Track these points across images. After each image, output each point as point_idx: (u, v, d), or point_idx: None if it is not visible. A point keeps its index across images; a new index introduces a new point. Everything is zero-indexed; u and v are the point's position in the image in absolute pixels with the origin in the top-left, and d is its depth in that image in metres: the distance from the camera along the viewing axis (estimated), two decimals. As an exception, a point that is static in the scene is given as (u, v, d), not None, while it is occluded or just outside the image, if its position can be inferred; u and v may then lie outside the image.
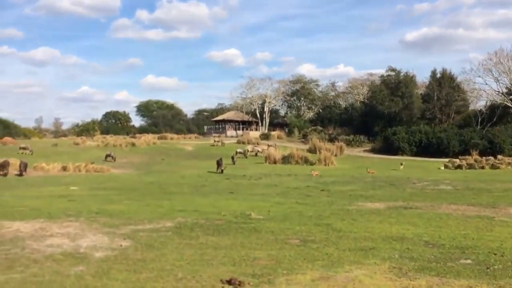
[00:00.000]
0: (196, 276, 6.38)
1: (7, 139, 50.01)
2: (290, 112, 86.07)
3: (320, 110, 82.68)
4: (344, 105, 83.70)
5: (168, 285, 5.96)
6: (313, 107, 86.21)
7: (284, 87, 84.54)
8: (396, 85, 64.54)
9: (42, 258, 7.35)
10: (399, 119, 63.43)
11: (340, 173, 33.68)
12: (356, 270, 6.81)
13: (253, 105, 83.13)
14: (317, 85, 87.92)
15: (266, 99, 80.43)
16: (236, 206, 15.01)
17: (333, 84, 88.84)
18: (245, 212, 12.94)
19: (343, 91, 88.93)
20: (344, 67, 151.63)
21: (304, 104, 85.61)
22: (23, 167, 26.76)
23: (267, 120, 79.28)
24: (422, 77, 76.44)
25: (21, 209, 13.34)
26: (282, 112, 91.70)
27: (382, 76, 69.26)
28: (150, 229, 10.29)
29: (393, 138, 55.13)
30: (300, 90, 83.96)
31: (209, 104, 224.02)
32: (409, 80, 64.70)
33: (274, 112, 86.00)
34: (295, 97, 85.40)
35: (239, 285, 5.93)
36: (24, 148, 40.79)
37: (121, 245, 8.43)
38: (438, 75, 65.48)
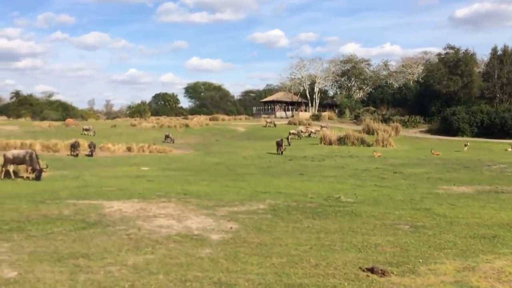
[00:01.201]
0: (330, 263, 6.15)
1: (70, 120, 51.58)
2: (340, 93, 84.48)
3: (372, 90, 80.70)
4: (396, 85, 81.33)
5: (308, 272, 5.77)
6: (364, 87, 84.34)
7: (334, 67, 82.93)
8: (455, 63, 61.81)
9: (162, 239, 7.34)
10: (457, 98, 60.89)
11: (403, 154, 32.76)
12: (495, 260, 6.40)
13: (302, 85, 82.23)
14: (369, 64, 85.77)
15: (315, 79, 79.24)
16: (316, 188, 14.76)
17: (385, 64, 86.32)
18: (333, 195, 12.68)
19: (395, 70, 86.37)
20: (391, 45, 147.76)
21: (355, 84, 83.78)
22: (93, 148, 27.50)
23: (317, 101, 78.19)
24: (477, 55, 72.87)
25: (109, 189, 13.59)
26: (330, 93, 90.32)
27: (439, 54, 66.46)
28: (247, 211, 10.18)
29: (452, 118, 53.03)
30: (351, 70, 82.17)
31: (252, 85, 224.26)
32: (469, 58, 61.80)
33: (322, 93, 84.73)
34: (345, 77, 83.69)
35: (383, 274, 5.66)
36: (87, 130, 41.98)
37: (231, 228, 8.33)
38: (499, 52, 62.22)
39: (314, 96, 77.72)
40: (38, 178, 15.01)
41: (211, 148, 37.80)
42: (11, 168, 15.50)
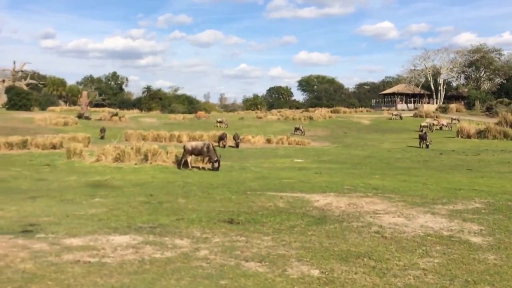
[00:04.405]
0: None
1: (201, 113, 53.78)
2: (467, 84, 78.66)
3: (504, 81, 74.07)
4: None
5: None
6: (494, 78, 77.69)
7: (461, 58, 77.34)
8: None
9: (419, 239, 6.71)
10: None
11: None
12: None
13: (422, 77, 78.15)
14: (500, 54, 78.72)
15: (440, 70, 74.60)
16: (509, 186, 13.28)
17: (521, 52, 78.60)
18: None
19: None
20: (510, 34, 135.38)
21: (484, 75, 77.41)
22: (238, 139, 28.12)
23: (442, 93, 73.58)
24: None
25: (290, 181, 13.36)
26: (453, 84, 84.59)
27: None
28: (468, 210, 9.20)
29: None
30: (480, 60, 76.04)
31: (360, 77, 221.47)
32: None
33: (446, 84, 79.64)
34: (473, 68, 77.69)
35: None
36: (220, 122, 43.43)
37: (481, 230, 7.51)
38: None
39: (439, 88, 73.29)
40: (217, 168, 15.36)
41: (344, 141, 36.97)
42: (189, 158, 16.07)
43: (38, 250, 5.44)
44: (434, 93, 74.48)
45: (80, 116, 46.22)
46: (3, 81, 70.55)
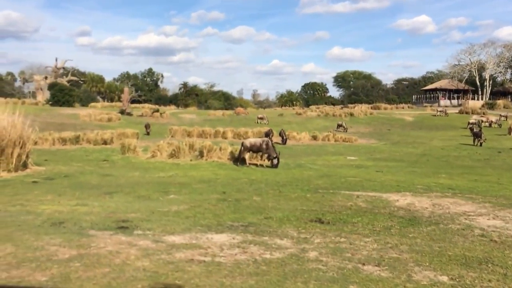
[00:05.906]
0: None
1: (240, 109, 53.62)
2: (515, 79, 76.02)
3: (555, 76, 71.12)
4: None
5: None
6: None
7: (508, 52, 74.53)
8: None
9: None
10: None
11: None
12: None
13: (466, 72, 75.71)
14: (551, 47, 75.58)
15: (487, 65, 72.10)
16: None
17: None
18: None
19: None
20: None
21: (534, 70, 74.61)
22: (285, 136, 27.78)
23: (488, 89, 71.14)
24: None
25: (355, 179, 12.95)
26: (498, 79, 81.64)
27: None
28: None
29: None
30: (528, 54, 73.29)
31: (395, 73, 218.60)
32: None
33: (491, 79, 76.99)
34: (521, 62, 74.92)
35: None
36: (261, 118, 43.19)
37: None
38: None
39: (485, 84, 70.90)
40: (276, 165, 15.08)
41: (390, 138, 36.10)
42: (246, 155, 15.84)
43: (146, 248, 5.23)
44: (479, 89, 72.15)
45: (122, 112, 46.82)
46: (46, 77, 72.20)
